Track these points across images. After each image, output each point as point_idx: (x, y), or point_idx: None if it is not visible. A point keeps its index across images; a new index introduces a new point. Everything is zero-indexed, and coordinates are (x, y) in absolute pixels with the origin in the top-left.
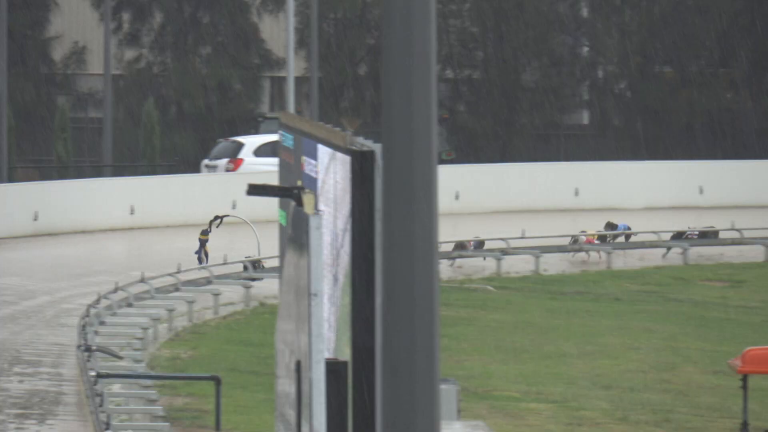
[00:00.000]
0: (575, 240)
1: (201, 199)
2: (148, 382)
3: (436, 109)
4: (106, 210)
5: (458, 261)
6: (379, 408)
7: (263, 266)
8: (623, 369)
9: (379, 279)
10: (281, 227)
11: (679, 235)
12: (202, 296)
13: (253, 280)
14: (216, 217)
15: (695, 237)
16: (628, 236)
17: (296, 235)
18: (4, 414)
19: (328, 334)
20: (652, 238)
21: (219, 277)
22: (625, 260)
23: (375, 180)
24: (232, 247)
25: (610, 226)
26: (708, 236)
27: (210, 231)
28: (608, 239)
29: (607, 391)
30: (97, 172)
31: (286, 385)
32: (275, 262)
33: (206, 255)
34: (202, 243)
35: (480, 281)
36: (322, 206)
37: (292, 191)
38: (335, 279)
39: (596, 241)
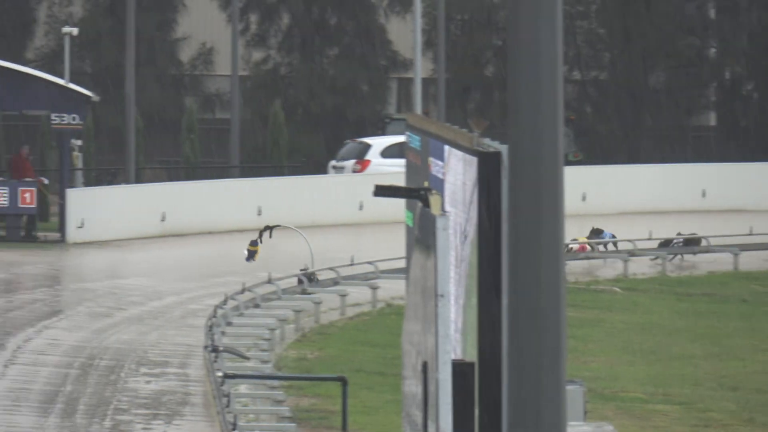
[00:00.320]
0: (568, 249)
1: (328, 200)
2: (275, 382)
3: (563, 110)
4: (233, 211)
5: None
6: (505, 408)
7: (318, 279)
8: (750, 371)
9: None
10: (408, 228)
11: (666, 243)
12: (329, 297)
13: (307, 293)
14: (266, 228)
15: (680, 244)
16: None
17: (423, 236)
18: (131, 414)
19: (454, 335)
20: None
21: (346, 278)
22: (744, 260)
23: (501, 181)
24: (359, 248)
25: (595, 232)
26: (692, 243)
27: (260, 242)
28: (596, 247)
29: (734, 393)
30: (225, 172)
31: (412, 386)
32: (398, 264)
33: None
34: (251, 254)
35: (607, 283)
36: (448, 207)
37: (419, 192)
38: (461, 280)
39: (588, 248)
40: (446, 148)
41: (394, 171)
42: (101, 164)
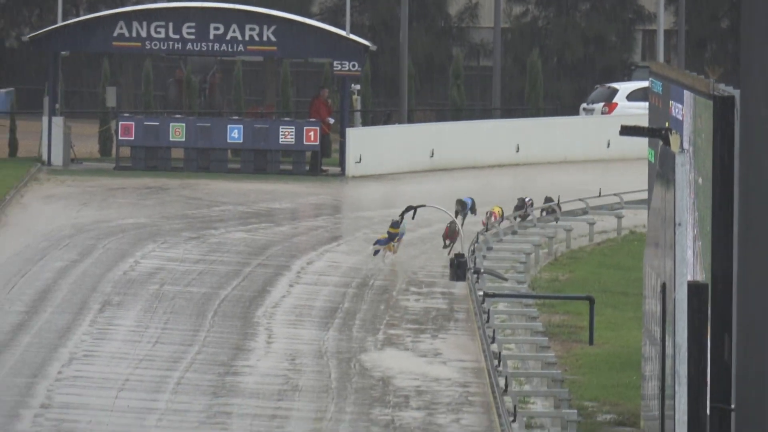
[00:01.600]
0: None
1: (579, 138)
2: (530, 301)
3: None
4: (494, 148)
5: None
6: (735, 327)
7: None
8: None
9: (736, 212)
10: (650, 164)
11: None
12: (579, 225)
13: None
14: (409, 208)
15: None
16: None
17: (663, 171)
18: (401, 328)
19: (690, 260)
20: None
21: (594, 208)
22: None
23: (734, 122)
24: (606, 182)
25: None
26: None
27: (401, 222)
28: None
29: None
30: (487, 114)
31: (652, 305)
32: (641, 196)
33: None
34: (391, 236)
35: None
36: (686, 145)
37: (660, 132)
38: (696, 210)
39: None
40: (685, 92)
41: (639, 113)
42: (377, 106)
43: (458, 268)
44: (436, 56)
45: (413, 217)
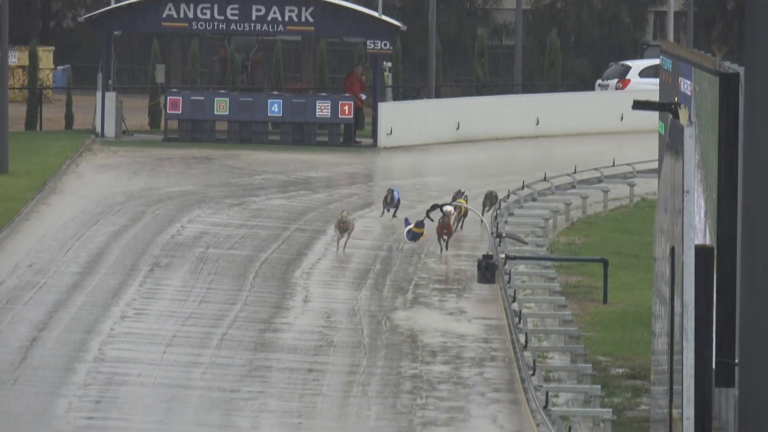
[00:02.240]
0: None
1: (594, 112)
2: (548, 263)
3: None
4: (515, 121)
5: None
6: (738, 288)
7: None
8: None
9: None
10: (660, 136)
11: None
12: (594, 192)
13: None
14: (434, 206)
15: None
16: None
17: (673, 142)
18: (429, 288)
19: (697, 225)
20: None
21: (608, 177)
22: None
23: (739, 97)
24: (619, 153)
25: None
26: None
27: (425, 222)
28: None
29: None
30: (509, 89)
31: (662, 267)
32: (651, 165)
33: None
34: (415, 236)
35: None
36: (694, 119)
37: (670, 106)
38: (704, 179)
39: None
40: (693, 69)
41: (650, 89)
42: (407, 82)
43: (486, 270)
44: (461, 36)
45: (431, 219)
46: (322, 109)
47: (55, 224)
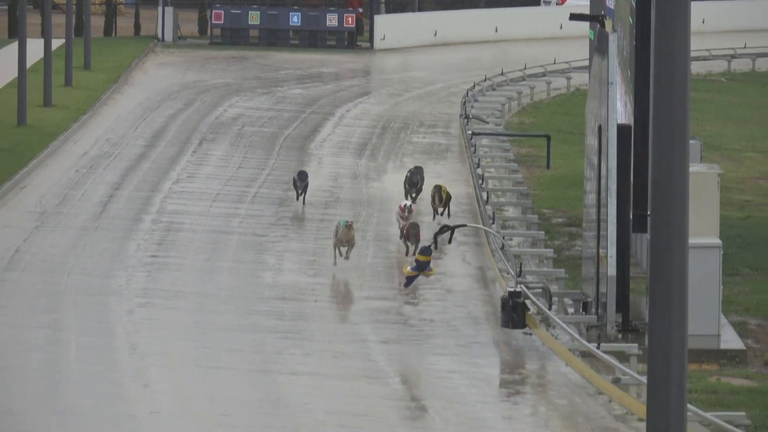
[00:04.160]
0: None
1: (540, 23)
2: (504, 138)
3: None
4: (480, 29)
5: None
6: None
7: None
8: None
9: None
10: (590, 41)
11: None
12: (540, 84)
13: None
14: (443, 228)
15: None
16: None
17: (600, 45)
18: (413, 157)
19: (618, 108)
20: None
21: (551, 72)
22: None
23: (651, 4)
24: (559, 54)
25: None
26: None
27: (433, 250)
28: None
29: None
30: (474, 5)
31: (591, 141)
32: (583, 63)
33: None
34: (420, 265)
35: (717, 75)
36: (617, 27)
37: (598, 17)
38: (625, 71)
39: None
40: None
41: (583, 4)
42: None
43: (514, 311)
44: None
45: (449, 241)
46: (331, 20)
47: (127, 108)
